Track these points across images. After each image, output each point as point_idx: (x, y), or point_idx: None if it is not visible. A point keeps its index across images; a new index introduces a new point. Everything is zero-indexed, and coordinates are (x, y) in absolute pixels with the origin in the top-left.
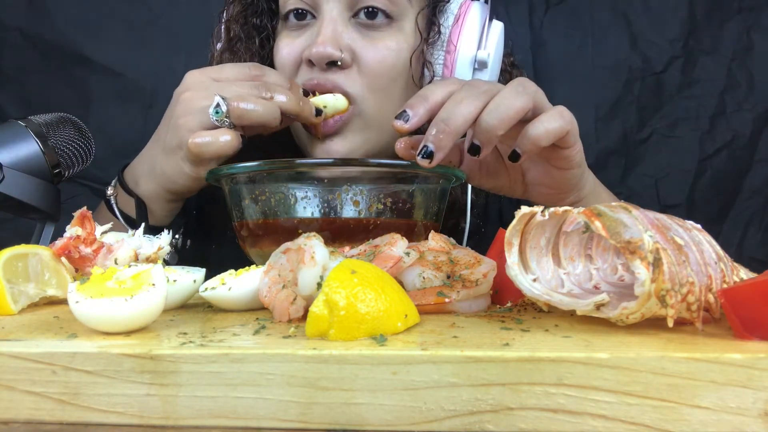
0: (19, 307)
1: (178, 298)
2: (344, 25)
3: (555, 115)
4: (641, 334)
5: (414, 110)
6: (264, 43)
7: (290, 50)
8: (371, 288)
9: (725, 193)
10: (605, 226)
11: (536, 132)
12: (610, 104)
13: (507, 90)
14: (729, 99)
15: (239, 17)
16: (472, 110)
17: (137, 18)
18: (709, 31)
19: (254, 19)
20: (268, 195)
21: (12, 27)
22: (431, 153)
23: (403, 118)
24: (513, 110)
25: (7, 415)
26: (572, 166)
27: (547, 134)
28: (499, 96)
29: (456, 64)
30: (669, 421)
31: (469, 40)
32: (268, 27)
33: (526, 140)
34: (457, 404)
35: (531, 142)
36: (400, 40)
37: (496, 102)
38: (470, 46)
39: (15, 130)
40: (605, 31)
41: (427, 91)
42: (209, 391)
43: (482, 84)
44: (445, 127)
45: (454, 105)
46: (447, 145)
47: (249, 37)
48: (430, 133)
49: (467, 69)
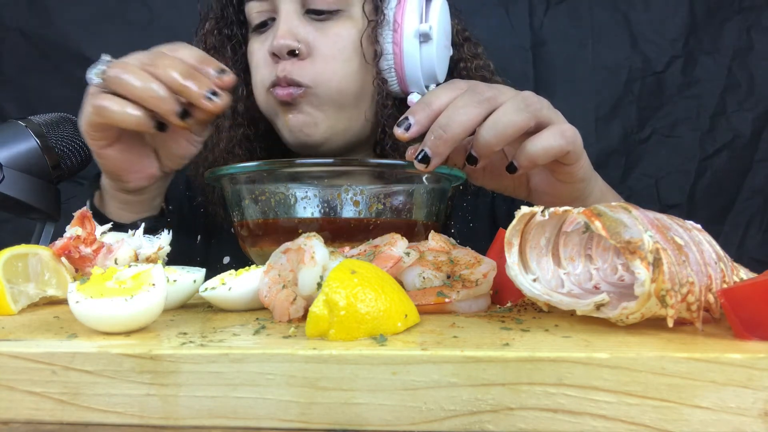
0: (19, 307)
1: (178, 298)
2: (299, 20)
3: (555, 134)
4: (641, 334)
5: (416, 117)
6: (236, 49)
7: (261, 51)
8: (371, 288)
9: (725, 193)
10: (605, 226)
11: (533, 149)
12: (610, 104)
13: (509, 105)
14: (729, 99)
15: (213, 30)
16: (472, 118)
17: (137, 18)
18: (709, 31)
19: (226, 29)
20: (268, 195)
21: (12, 27)
22: (428, 158)
23: (404, 126)
24: (511, 128)
25: (7, 415)
26: (574, 181)
27: (545, 152)
28: (501, 110)
29: (402, 40)
30: (669, 421)
31: (411, 16)
32: (239, 35)
33: (523, 156)
34: (457, 404)
35: (527, 159)
36: (349, 26)
37: (496, 116)
38: (412, 21)
39: (15, 130)
40: (605, 31)
41: (431, 97)
42: (209, 391)
43: (485, 89)
44: (443, 134)
45: (454, 111)
46: (444, 151)
47: (222, 46)
48: (428, 138)
49: (413, 42)
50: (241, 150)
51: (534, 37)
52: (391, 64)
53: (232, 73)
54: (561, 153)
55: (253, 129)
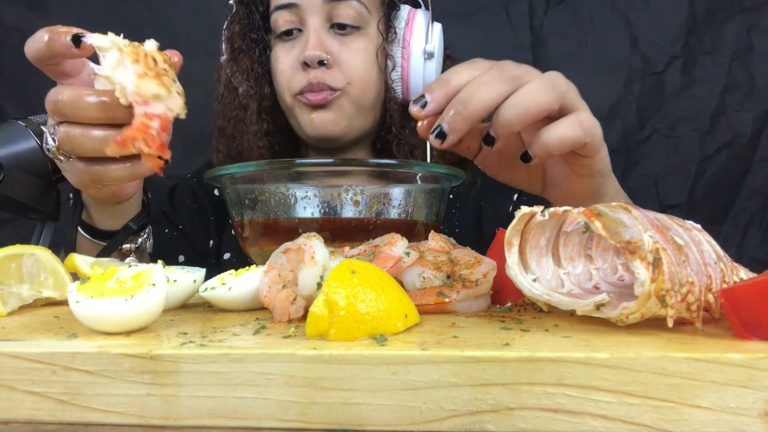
0: (8, 308)
1: (178, 298)
2: (325, 34)
3: (573, 123)
4: (641, 334)
5: (433, 95)
6: (261, 53)
7: (288, 59)
8: (371, 288)
9: (725, 193)
10: (605, 226)
11: (549, 138)
12: (610, 104)
13: (536, 83)
14: (729, 99)
15: (241, 33)
16: (494, 96)
17: (137, 18)
18: (709, 31)
19: (253, 34)
20: (268, 195)
21: (12, 27)
22: (444, 134)
23: (420, 104)
24: (535, 107)
25: (7, 415)
26: (592, 174)
27: (561, 142)
28: (525, 88)
29: (411, 56)
30: (669, 421)
31: (419, 37)
32: (264, 39)
33: (538, 145)
34: (457, 404)
35: (542, 148)
36: (366, 42)
37: (520, 94)
38: (419, 41)
39: (15, 130)
40: (605, 31)
41: (450, 74)
42: (209, 391)
43: (512, 67)
44: (462, 110)
45: (477, 87)
46: (462, 128)
47: (249, 49)
48: (447, 113)
49: (420, 59)
50: (261, 143)
51: (534, 37)
52: (399, 75)
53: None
54: (578, 144)
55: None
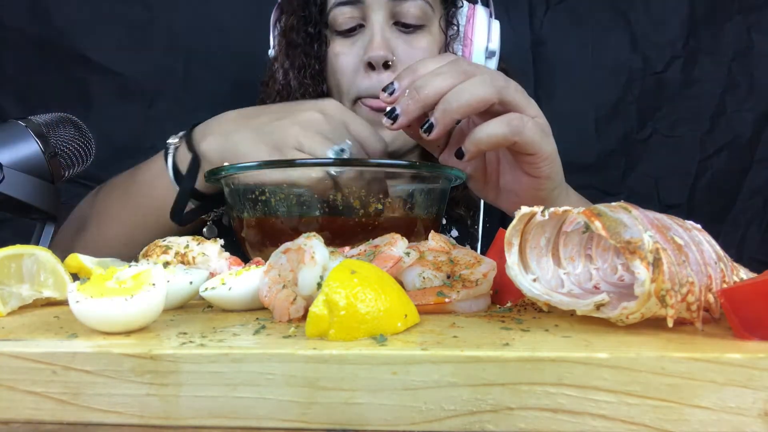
0: (8, 308)
1: (178, 298)
2: (390, 32)
3: (502, 121)
4: (641, 334)
5: (401, 83)
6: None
7: (350, 57)
8: (371, 288)
9: (725, 193)
10: (605, 226)
11: (478, 134)
12: (610, 104)
13: (477, 78)
14: (729, 99)
15: (296, 26)
16: (445, 86)
17: (136, 18)
18: (709, 31)
19: (310, 28)
20: (268, 195)
21: (12, 27)
22: (396, 116)
23: (389, 90)
24: (473, 99)
25: (7, 415)
26: (539, 175)
27: (489, 138)
28: (468, 81)
29: (472, 55)
30: (669, 421)
31: (480, 35)
32: (322, 34)
33: (468, 140)
34: (457, 404)
35: (472, 143)
36: (430, 40)
37: (462, 86)
38: (481, 39)
39: (15, 130)
40: (605, 31)
41: (419, 64)
42: (209, 391)
43: (466, 64)
44: (416, 94)
45: (432, 77)
46: (413, 110)
47: (306, 43)
48: (401, 98)
49: (482, 57)
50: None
51: (534, 37)
52: None
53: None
54: (506, 141)
55: None
